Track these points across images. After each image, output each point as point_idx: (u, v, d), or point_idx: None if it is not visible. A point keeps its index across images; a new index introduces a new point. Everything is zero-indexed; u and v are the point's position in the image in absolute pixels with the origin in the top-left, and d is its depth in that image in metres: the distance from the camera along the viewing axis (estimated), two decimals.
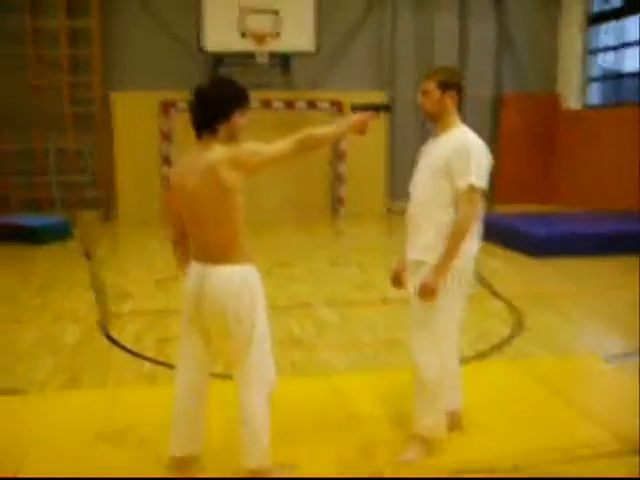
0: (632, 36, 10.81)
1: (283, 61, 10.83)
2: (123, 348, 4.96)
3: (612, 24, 11.37)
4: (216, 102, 2.76)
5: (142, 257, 8.32)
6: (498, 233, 8.70)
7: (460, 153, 3.02)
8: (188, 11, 10.44)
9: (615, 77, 11.70)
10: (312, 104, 11.01)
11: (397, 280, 3.38)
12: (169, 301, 6.07)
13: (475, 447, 3.32)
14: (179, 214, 2.92)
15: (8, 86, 10.40)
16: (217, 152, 2.73)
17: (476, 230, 3.15)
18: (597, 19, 11.60)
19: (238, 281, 2.80)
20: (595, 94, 12.06)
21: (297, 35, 10.31)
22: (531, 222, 8.73)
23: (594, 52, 11.85)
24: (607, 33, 11.58)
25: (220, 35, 10.17)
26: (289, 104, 10.95)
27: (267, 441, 2.87)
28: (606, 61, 11.93)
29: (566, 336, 5.23)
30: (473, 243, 3.14)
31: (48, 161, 10.48)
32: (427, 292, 3.02)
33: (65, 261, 8.06)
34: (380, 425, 3.53)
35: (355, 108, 3.04)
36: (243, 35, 10.16)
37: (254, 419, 2.84)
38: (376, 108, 3.04)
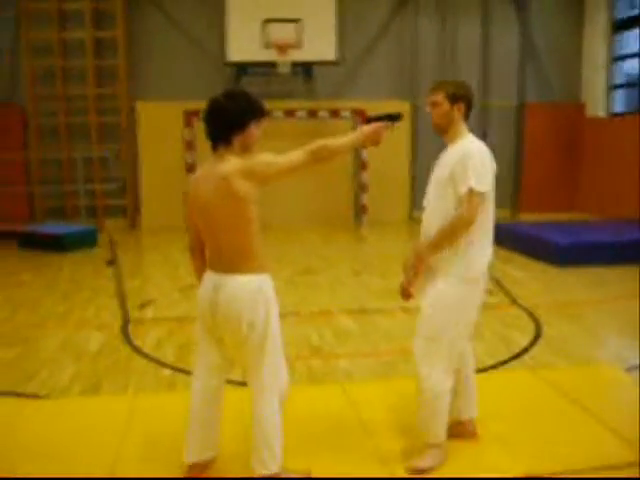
0: None
1: (305, 71, 10.91)
2: (144, 355, 5.02)
3: (636, 30, 11.26)
4: (231, 114, 2.81)
5: (166, 265, 8.41)
6: (520, 241, 8.68)
7: (462, 160, 3.05)
8: (212, 21, 10.58)
9: None
10: (334, 113, 11.05)
11: (406, 292, 3.38)
12: (191, 308, 6.13)
13: (490, 455, 3.31)
14: (195, 224, 2.98)
15: (37, 97, 10.61)
16: (231, 163, 2.78)
17: (489, 238, 3.19)
18: (621, 26, 11.50)
19: (253, 291, 2.83)
20: (620, 101, 11.94)
21: (319, 45, 10.37)
22: (553, 230, 8.67)
23: (619, 59, 11.75)
24: (632, 39, 11.46)
25: (243, 45, 10.28)
26: (311, 113, 11.01)
27: (279, 447, 2.90)
28: (631, 68, 11.81)
29: (586, 345, 5.19)
30: (487, 252, 3.15)
31: (75, 170, 10.65)
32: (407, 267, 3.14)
33: (90, 268, 8.18)
34: (395, 434, 3.54)
35: (370, 119, 3.07)
36: (266, 45, 10.25)
37: (266, 425, 2.87)
38: (389, 118, 3.07)
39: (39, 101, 10.68)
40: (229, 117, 2.81)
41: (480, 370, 4.62)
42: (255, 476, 2.92)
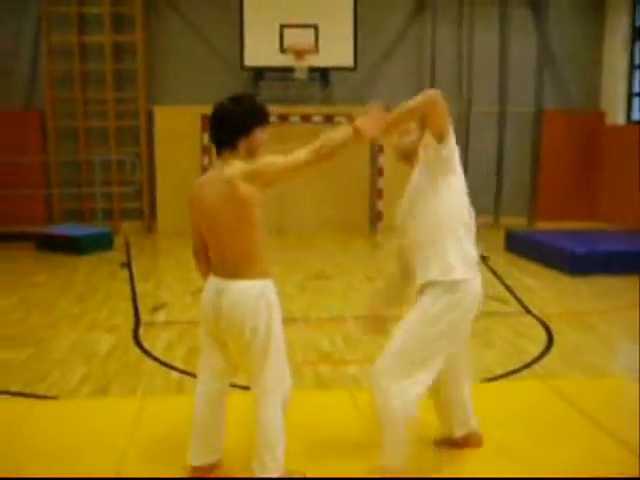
0: None
1: (322, 76, 10.92)
2: (154, 358, 5.05)
3: None
4: (237, 118, 2.82)
5: (179, 268, 8.44)
6: (535, 249, 8.62)
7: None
8: (229, 26, 10.63)
9: None
10: (351, 119, 11.00)
11: (374, 326, 3.34)
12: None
13: (493, 465, 3.28)
14: (199, 228, 2.98)
15: (56, 100, 10.72)
16: (235, 167, 2.79)
17: (470, 238, 3.11)
18: None
19: (255, 296, 2.83)
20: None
21: (336, 50, 10.39)
22: (569, 239, 8.59)
23: (639, 67, 11.64)
24: None
25: (260, 50, 10.32)
26: (328, 118, 11.01)
27: (281, 451, 2.90)
28: None
29: (599, 356, 5.13)
30: (470, 252, 3.08)
31: (92, 173, 10.74)
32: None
33: (105, 271, 8.24)
34: None
35: None
36: (283, 50, 10.28)
37: (269, 429, 2.88)
38: None
39: (58, 104, 10.78)
40: (234, 121, 2.82)
41: (490, 379, 4.61)
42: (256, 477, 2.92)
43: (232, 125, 2.82)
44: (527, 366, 4.86)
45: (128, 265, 8.53)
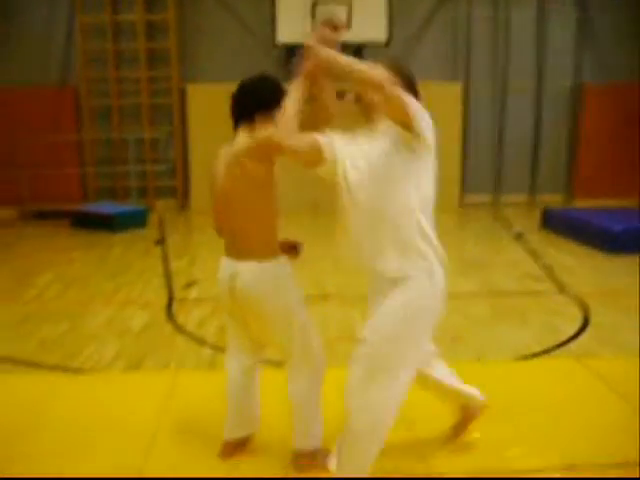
0: None
1: (355, 52, 10.78)
2: (186, 334, 5.09)
3: None
4: (260, 92, 2.82)
5: (212, 245, 8.42)
6: (572, 227, 8.45)
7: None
8: (261, 3, 10.55)
9: None
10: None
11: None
12: None
13: (524, 444, 3.26)
14: (217, 206, 2.97)
15: (90, 79, 10.80)
16: (242, 142, 2.76)
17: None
18: None
19: (268, 277, 2.81)
20: None
21: (369, 26, 10.24)
22: (606, 216, 8.40)
23: None
24: None
25: (293, 26, 10.22)
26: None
27: (316, 426, 2.91)
28: None
29: (634, 335, 5.02)
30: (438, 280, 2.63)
31: (126, 151, 10.82)
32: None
33: (139, 248, 8.31)
34: (435, 423, 3.49)
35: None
36: (315, 27, 10.16)
37: (302, 404, 2.89)
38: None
39: (92, 83, 10.85)
40: (257, 94, 2.81)
41: (525, 357, 4.56)
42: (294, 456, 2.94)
43: (254, 97, 2.81)
44: (562, 345, 4.79)
45: (162, 242, 8.60)
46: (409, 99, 2.47)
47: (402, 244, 2.56)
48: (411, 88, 2.62)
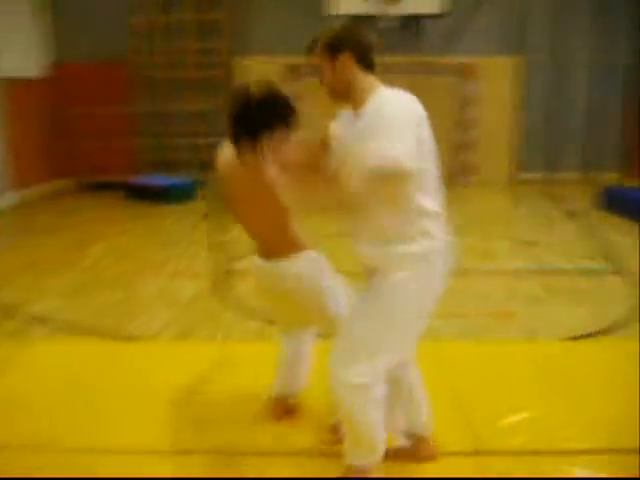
0: None
1: (409, 24, 10.59)
2: (234, 306, 5.12)
3: None
4: (269, 112, 2.68)
5: None
6: (630, 205, 8.19)
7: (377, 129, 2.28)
8: None
9: None
10: (439, 68, 10.71)
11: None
12: None
13: (574, 426, 3.18)
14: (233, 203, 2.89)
15: (141, 52, 10.86)
16: (254, 163, 2.66)
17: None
18: None
19: (300, 276, 2.78)
20: None
21: None
22: None
23: None
24: None
25: None
26: (415, 68, 10.71)
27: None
28: None
29: None
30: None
31: (176, 124, 10.89)
32: None
33: (189, 220, 8.39)
34: (483, 398, 3.43)
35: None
36: None
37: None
38: None
39: (143, 56, 10.91)
40: (265, 113, 2.71)
41: (578, 337, 4.45)
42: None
43: (261, 116, 2.68)
44: (616, 326, 4.66)
45: (208, 216, 8.65)
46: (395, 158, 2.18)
47: (381, 232, 2.41)
48: (364, 59, 2.45)
